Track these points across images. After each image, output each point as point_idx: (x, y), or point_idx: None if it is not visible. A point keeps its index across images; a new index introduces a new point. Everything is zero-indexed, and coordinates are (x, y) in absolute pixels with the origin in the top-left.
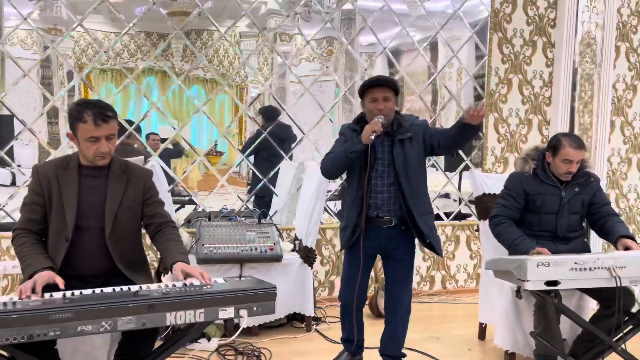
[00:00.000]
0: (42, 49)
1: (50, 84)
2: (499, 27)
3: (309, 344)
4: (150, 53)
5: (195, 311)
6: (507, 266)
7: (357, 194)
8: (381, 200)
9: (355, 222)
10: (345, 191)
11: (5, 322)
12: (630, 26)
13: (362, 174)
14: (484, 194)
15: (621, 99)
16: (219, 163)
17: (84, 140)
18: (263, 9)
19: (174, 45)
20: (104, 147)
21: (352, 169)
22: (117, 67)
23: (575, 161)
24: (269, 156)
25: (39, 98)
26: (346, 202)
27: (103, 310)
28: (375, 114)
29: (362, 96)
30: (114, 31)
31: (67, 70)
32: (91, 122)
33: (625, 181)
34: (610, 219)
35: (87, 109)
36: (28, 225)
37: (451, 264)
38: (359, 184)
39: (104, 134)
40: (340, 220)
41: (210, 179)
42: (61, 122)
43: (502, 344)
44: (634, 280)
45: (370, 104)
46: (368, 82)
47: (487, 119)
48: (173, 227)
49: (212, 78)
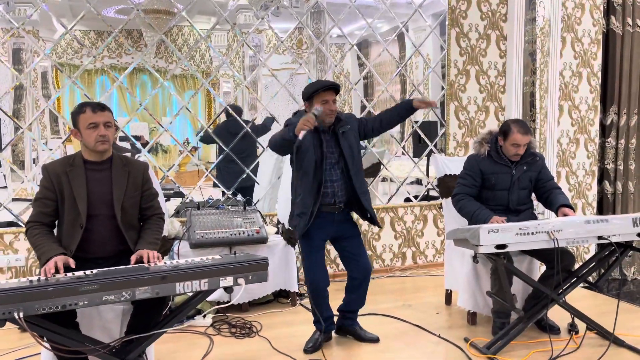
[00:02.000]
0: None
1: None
2: (456, 23)
3: (294, 316)
4: (120, 51)
5: (200, 281)
6: (463, 234)
7: (313, 184)
8: (337, 189)
9: (311, 209)
10: (297, 181)
11: (43, 294)
12: (574, 18)
13: (318, 165)
14: (445, 175)
15: (568, 85)
16: (195, 158)
17: (85, 129)
18: (231, 4)
19: (148, 41)
20: (102, 131)
21: (306, 161)
22: (101, 65)
23: (522, 145)
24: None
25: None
26: (302, 191)
27: (123, 282)
28: (327, 114)
29: (310, 98)
30: (81, 29)
31: (42, 71)
32: (90, 111)
33: (574, 160)
34: (553, 191)
35: (85, 104)
36: (40, 218)
37: (420, 241)
38: (314, 175)
39: (101, 120)
40: (292, 207)
41: (183, 175)
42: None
43: (464, 305)
44: (569, 241)
45: (323, 106)
46: (321, 86)
47: (448, 107)
48: (159, 219)
49: (182, 74)
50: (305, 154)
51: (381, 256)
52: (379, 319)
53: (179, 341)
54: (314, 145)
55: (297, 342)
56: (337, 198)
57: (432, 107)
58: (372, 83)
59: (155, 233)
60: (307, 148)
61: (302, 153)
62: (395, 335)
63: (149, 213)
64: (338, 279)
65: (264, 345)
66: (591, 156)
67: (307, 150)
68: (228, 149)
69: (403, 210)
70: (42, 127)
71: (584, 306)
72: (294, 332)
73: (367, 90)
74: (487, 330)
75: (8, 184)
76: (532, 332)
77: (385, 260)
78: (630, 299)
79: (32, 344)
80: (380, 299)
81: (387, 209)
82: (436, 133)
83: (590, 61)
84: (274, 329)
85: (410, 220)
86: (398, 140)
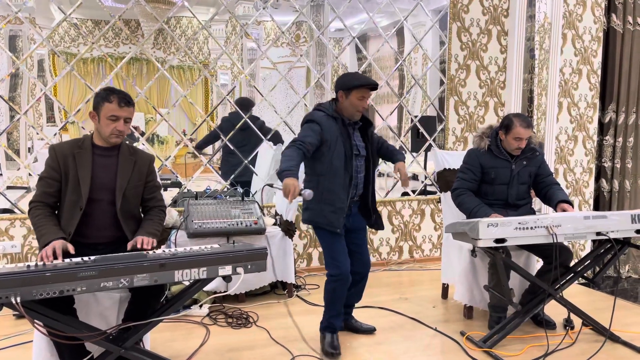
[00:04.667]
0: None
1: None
2: (458, 17)
3: (291, 307)
4: (117, 40)
5: (199, 269)
6: (463, 228)
7: (345, 178)
8: (359, 180)
9: (347, 203)
10: (324, 177)
11: (41, 280)
12: (575, 15)
13: (348, 158)
14: (444, 169)
15: (568, 82)
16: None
17: (105, 118)
18: None
19: (145, 30)
20: (121, 126)
21: (336, 156)
22: (99, 54)
23: (524, 138)
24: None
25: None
26: (332, 186)
27: (122, 268)
28: (360, 110)
29: (349, 89)
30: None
31: (38, 59)
32: (116, 104)
33: (572, 157)
34: (552, 187)
35: (113, 93)
36: (43, 198)
37: (417, 235)
38: (345, 169)
39: (124, 115)
40: (320, 205)
41: (179, 167)
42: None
43: (461, 299)
44: (568, 236)
45: (359, 101)
46: (366, 82)
47: (447, 102)
48: (160, 210)
49: (179, 65)
50: (333, 150)
51: (378, 250)
52: (375, 312)
53: (175, 330)
54: (342, 138)
55: (293, 332)
56: (358, 190)
57: (402, 183)
58: (371, 77)
59: (156, 224)
60: (333, 143)
61: (329, 150)
62: (392, 328)
63: (151, 204)
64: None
65: (261, 336)
66: (589, 154)
67: (334, 145)
68: (226, 139)
69: (401, 204)
70: (38, 115)
71: (579, 302)
72: (290, 323)
73: None
74: (483, 324)
75: (3, 171)
76: (528, 326)
77: (382, 254)
78: (624, 296)
79: (25, 331)
80: (377, 292)
81: (385, 202)
82: (435, 128)
83: (590, 58)
84: (270, 319)
85: (407, 214)
86: (397, 134)
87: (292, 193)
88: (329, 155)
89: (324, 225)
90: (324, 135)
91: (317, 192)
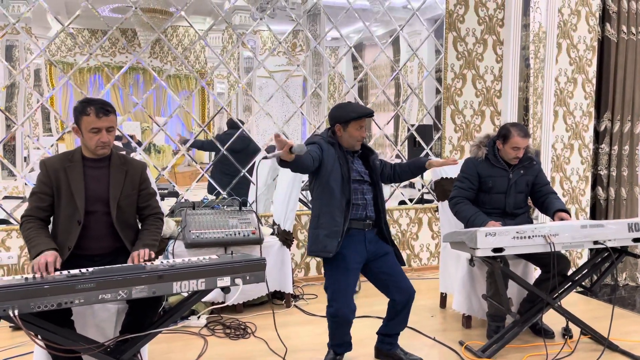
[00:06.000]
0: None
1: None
2: (454, 27)
3: (289, 317)
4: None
5: (197, 280)
6: (461, 237)
7: (342, 201)
8: (368, 202)
9: (342, 227)
10: (321, 202)
11: (39, 292)
12: (570, 24)
13: (345, 181)
14: (442, 178)
15: (563, 91)
16: (187, 159)
17: (87, 131)
18: (227, 4)
19: (142, 40)
20: (104, 137)
21: (333, 178)
22: (99, 63)
23: (522, 148)
24: (226, 167)
25: None
26: (328, 210)
27: (120, 280)
28: (360, 140)
29: (347, 122)
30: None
31: (35, 68)
32: (94, 115)
33: (568, 165)
34: (549, 196)
35: (90, 104)
36: (35, 213)
37: (415, 243)
38: (342, 191)
39: (104, 126)
40: (316, 231)
41: (173, 177)
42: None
43: (459, 308)
44: (565, 245)
45: (357, 132)
46: (363, 112)
47: (444, 111)
48: (157, 219)
49: (176, 74)
50: (330, 172)
51: None
52: (373, 321)
53: (172, 341)
54: (340, 162)
55: (291, 343)
56: (368, 212)
57: (448, 164)
58: (367, 86)
59: (153, 234)
60: (330, 166)
61: (327, 172)
62: None
63: (147, 212)
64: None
65: (259, 346)
66: (585, 162)
67: (331, 168)
68: (224, 149)
69: (398, 213)
70: (34, 124)
71: (577, 311)
72: (288, 334)
73: (362, 93)
74: (482, 334)
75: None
76: (526, 336)
77: None
78: (622, 304)
79: (23, 342)
80: (375, 301)
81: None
82: (431, 137)
83: (585, 67)
84: (268, 330)
85: (405, 223)
86: (393, 143)
87: (284, 143)
88: (326, 177)
89: (319, 251)
90: (323, 157)
91: (315, 217)
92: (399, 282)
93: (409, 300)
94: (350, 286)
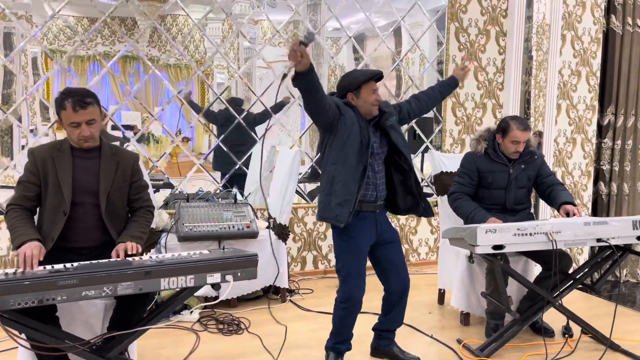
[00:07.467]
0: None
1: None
2: (456, 18)
3: (284, 313)
4: (113, 38)
5: (186, 277)
6: (460, 234)
7: (357, 168)
8: (379, 181)
9: (355, 197)
10: (335, 167)
11: (19, 288)
12: (575, 16)
13: (364, 148)
14: (442, 172)
15: (567, 84)
16: (187, 149)
17: (67, 125)
18: None
19: (142, 29)
20: (85, 131)
21: (350, 140)
22: (91, 52)
23: (522, 141)
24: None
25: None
26: (342, 177)
27: (104, 276)
28: (375, 103)
29: (358, 88)
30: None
31: (32, 56)
32: (70, 109)
33: (570, 159)
34: (555, 187)
35: (68, 97)
36: (21, 202)
37: (414, 238)
38: (359, 158)
39: (83, 119)
40: (328, 198)
41: (175, 167)
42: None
43: (458, 305)
44: (568, 243)
45: (371, 95)
46: (372, 74)
47: (445, 103)
48: (147, 212)
49: (175, 63)
50: (349, 133)
51: None
52: (369, 317)
53: (164, 337)
54: (360, 125)
55: (287, 339)
56: (379, 193)
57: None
58: None
59: (142, 226)
60: (349, 127)
61: (345, 131)
62: None
63: (138, 205)
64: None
65: (252, 342)
66: (587, 156)
67: (350, 129)
68: (219, 140)
69: None
70: (32, 113)
71: (578, 308)
72: (283, 330)
73: None
74: (480, 332)
75: None
76: (526, 334)
77: None
78: (622, 301)
79: (6, 338)
80: (372, 296)
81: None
82: (432, 129)
83: (589, 60)
84: (262, 325)
85: (403, 217)
86: None
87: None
88: (345, 137)
89: (330, 219)
90: (341, 112)
91: (328, 183)
92: (400, 272)
93: (404, 290)
94: (363, 271)
